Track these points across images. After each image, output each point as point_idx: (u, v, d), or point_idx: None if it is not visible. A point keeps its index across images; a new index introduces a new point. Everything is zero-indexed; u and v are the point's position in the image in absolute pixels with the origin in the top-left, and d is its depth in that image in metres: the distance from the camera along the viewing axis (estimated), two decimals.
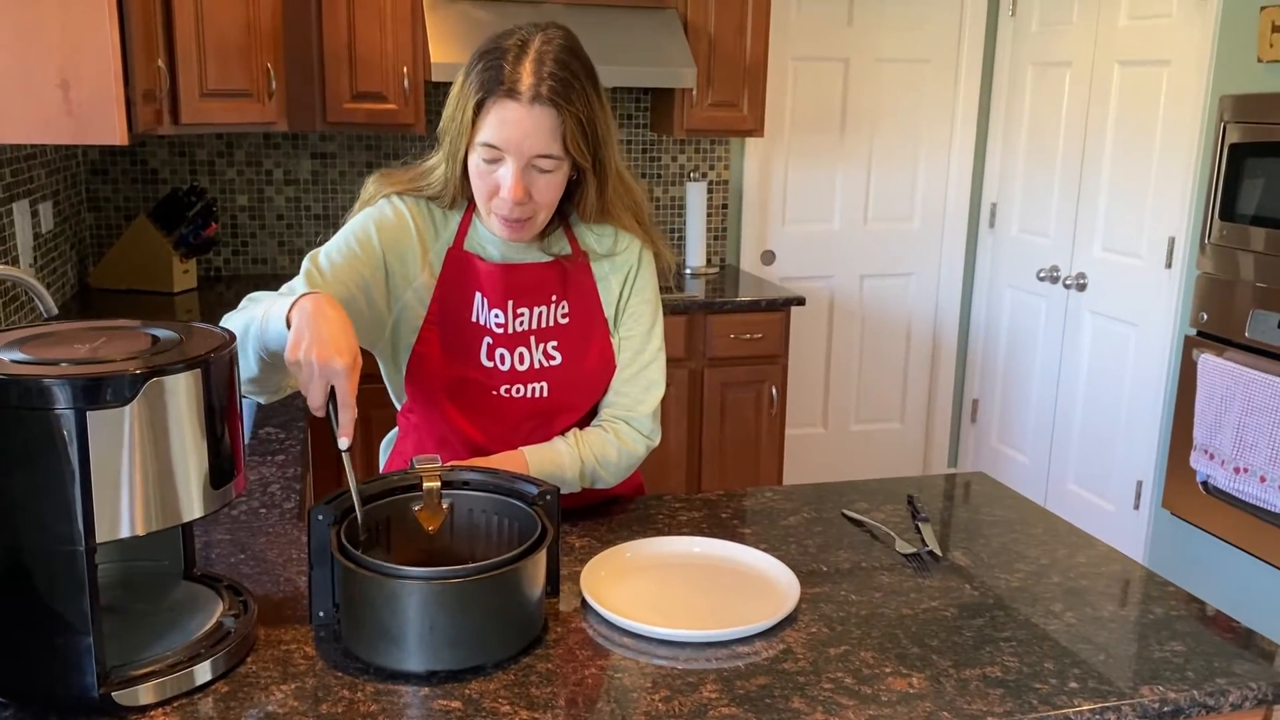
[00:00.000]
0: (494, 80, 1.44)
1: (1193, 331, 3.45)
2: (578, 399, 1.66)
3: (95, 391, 1.05)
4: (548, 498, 1.33)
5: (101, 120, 2.37)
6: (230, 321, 1.43)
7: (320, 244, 1.60)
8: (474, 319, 1.59)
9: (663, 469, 3.66)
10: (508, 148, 1.45)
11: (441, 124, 1.54)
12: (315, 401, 1.25)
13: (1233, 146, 3.23)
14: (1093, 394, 3.99)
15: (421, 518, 1.35)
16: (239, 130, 3.48)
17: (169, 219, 3.43)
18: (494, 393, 1.60)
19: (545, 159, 1.46)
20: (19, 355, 1.10)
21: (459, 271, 1.59)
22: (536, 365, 1.61)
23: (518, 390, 1.61)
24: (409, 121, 3.46)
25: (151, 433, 1.09)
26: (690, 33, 3.67)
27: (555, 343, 1.62)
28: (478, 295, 1.59)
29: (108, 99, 2.37)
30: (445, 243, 1.60)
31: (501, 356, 1.59)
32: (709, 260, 4.28)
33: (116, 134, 2.38)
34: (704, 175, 4.23)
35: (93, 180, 3.62)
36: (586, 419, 1.70)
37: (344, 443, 1.25)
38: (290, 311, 1.29)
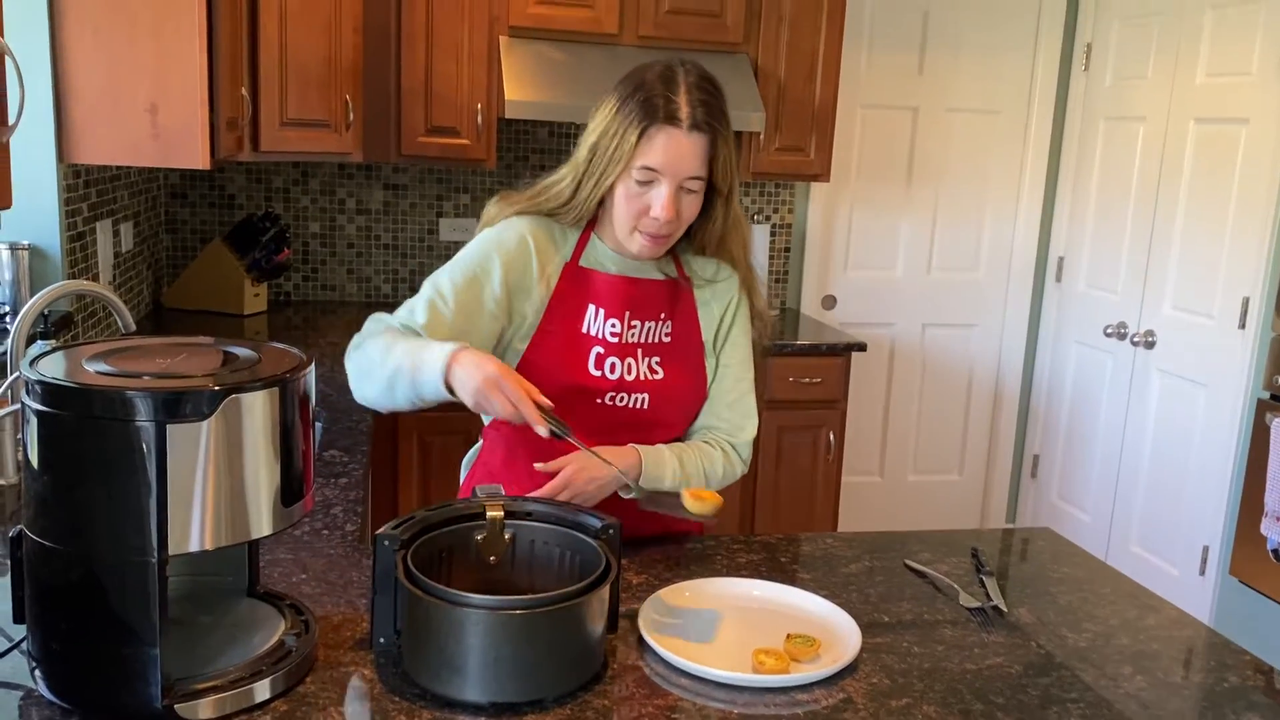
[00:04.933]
0: (654, 110, 1.56)
1: (1266, 395, 3.37)
2: (675, 416, 1.73)
3: (176, 405, 1.07)
4: (610, 532, 1.33)
5: (186, 145, 2.45)
6: (368, 356, 1.55)
7: (423, 272, 1.67)
8: (585, 330, 1.67)
9: None
10: (665, 170, 1.57)
11: (585, 152, 1.63)
12: (503, 412, 1.42)
13: None
14: (1159, 454, 3.90)
15: (484, 547, 1.35)
16: (315, 159, 3.56)
17: (243, 243, 3.50)
18: (599, 400, 1.67)
19: (694, 180, 1.59)
20: (104, 367, 1.13)
21: (575, 285, 1.68)
22: (641, 377, 1.69)
23: (621, 399, 1.68)
24: (481, 157, 3.51)
25: (227, 449, 1.11)
26: (760, 77, 3.70)
27: (658, 359, 1.71)
28: (591, 307, 1.67)
29: (193, 124, 2.44)
30: (563, 258, 1.69)
31: (612, 365, 1.67)
32: (770, 303, 4.27)
33: (200, 158, 2.46)
34: (768, 218, 4.23)
35: (171, 203, 3.72)
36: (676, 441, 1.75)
37: (541, 431, 1.42)
38: (447, 376, 1.44)
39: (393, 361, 1.50)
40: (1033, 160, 4.44)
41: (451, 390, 1.45)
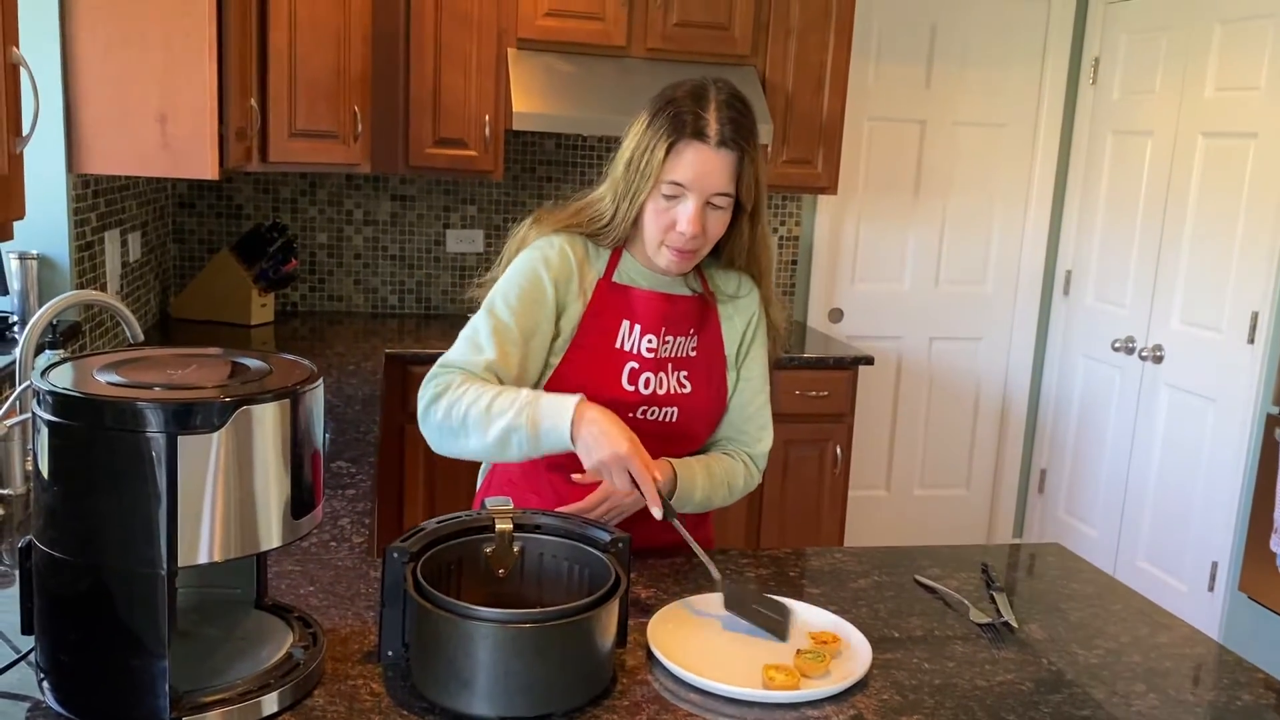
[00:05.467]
0: (683, 125, 1.57)
1: (1275, 410, 3.35)
2: (700, 428, 1.74)
3: (186, 417, 1.07)
4: (620, 545, 1.33)
5: (195, 155, 2.45)
6: (469, 417, 1.53)
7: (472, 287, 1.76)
8: (618, 345, 1.68)
9: (721, 523, 3.62)
10: (692, 185, 1.57)
11: (618, 170, 1.65)
12: (623, 487, 1.47)
13: None
14: (1167, 469, 3.88)
15: (492, 560, 1.35)
16: (323, 170, 3.57)
17: (250, 253, 3.51)
18: (630, 414, 1.66)
19: (721, 197, 1.59)
20: (115, 378, 1.13)
21: (610, 301, 1.68)
22: (671, 391, 1.70)
23: (652, 413, 1.68)
24: (488, 168, 3.52)
25: (237, 461, 1.10)
26: (768, 90, 3.70)
27: (686, 373, 1.72)
28: (625, 323, 1.68)
29: (202, 135, 2.45)
30: (598, 273, 1.69)
31: (646, 381, 1.68)
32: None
33: (208, 169, 2.46)
34: (775, 231, 4.23)
35: (179, 213, 3.73)
36: (698, 453, 1.76)
37: (656, 513, 1.46)
38: (573, 429, 1.47)
39: (503, 421, 1.50)
40: (1040, 174, 4.44)
41: (574, 440, 1.48)
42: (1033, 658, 1.44)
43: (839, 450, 3.72)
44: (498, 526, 1.34)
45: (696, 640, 1.40)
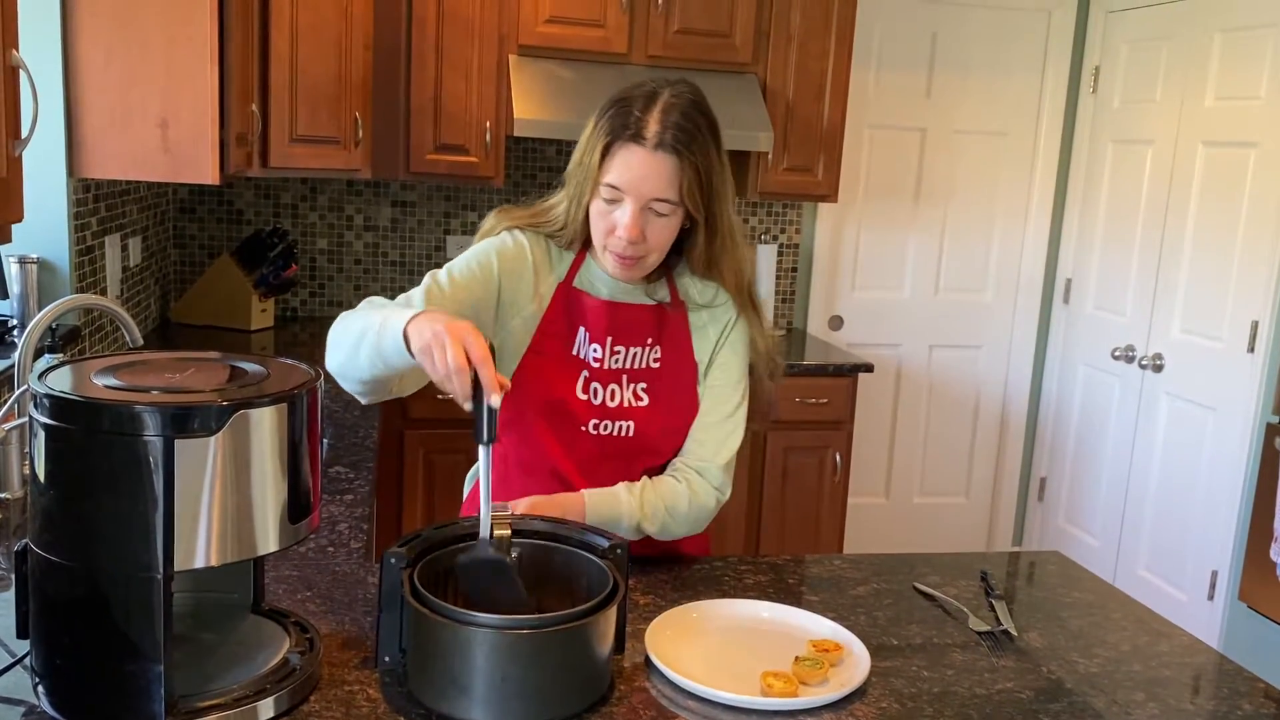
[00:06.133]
0: (622, 126, 1.51)
1: (1275, 419, 3.35)
2: (661, 442, 1.68)
3: (184, 420, 1.07)
4: (618, 551, 1.32)
5: (196, 160, 2.46)
6: (346, 323, 1.47)
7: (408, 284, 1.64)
8: (574, 352, 1.64)
9: (721, 530, 3.62)
10: (628, 189, 1.52)
11: (569, 168, 1.61)
12: (452, 365, 1.24)
13: None
14: (1167, 478, 3.88)
15: None
16: (323, 175, 3.57)
17: (251, 259, 3.51)
18: (582, 428, 1.63)
19: (661, 203, 1.53)
20: (112, 381, 1.13)
21: (567, 305, 1.65)
22: (626, 404, 1.65)
23: (605, 427, 1.64)
24: (489, 174, 3.52)
25: (234, 464, 1.10)
26: (769, 97, 3.70)
27: (644, 385, 1.66)
28: (581, 330, 1.64)
29: (203, 140, 2.45)
30: (558, 277, 1.66)
31: (595, 390, 1.64)
32: (776, 323, 4.26)
33: (209, 174, 2.46)
34: (775, 238, 4.23)
35: (180, 218, 3.73)
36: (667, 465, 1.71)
37: (494, 401, 1.24)
38: (406, 326, 1.32)
39: (362, 324, 1.41)
40: (1040, 182, 4.44)
41: (409, 343, 1.31)
42: (1032, 666, 1.43)
43: (838, 457, 3.71)
44: (496, 533, 1.34)
45: (695, 647, 1.39)
